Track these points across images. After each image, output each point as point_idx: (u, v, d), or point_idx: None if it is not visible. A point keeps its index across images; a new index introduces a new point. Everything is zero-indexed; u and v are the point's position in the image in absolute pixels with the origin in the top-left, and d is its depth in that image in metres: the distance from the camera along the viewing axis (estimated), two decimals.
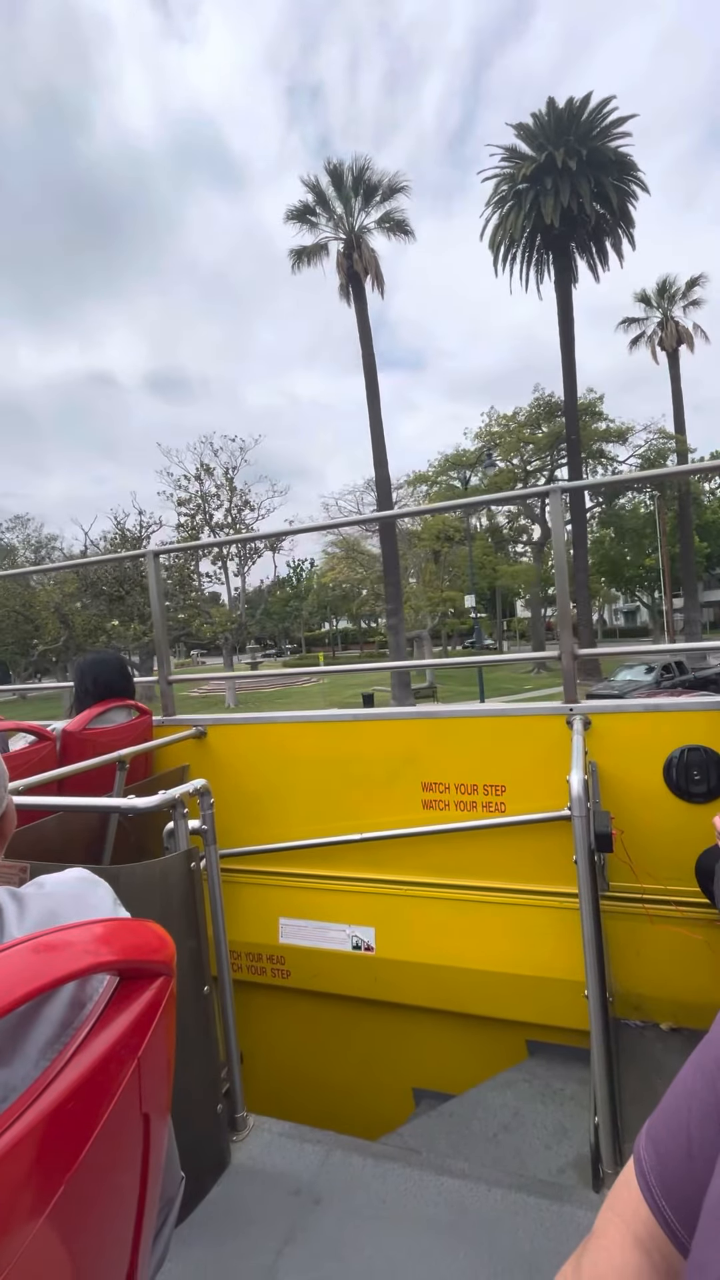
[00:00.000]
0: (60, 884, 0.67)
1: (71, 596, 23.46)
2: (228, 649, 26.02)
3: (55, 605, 23.08)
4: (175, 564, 23.85)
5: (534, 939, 2.32)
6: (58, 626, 23.10)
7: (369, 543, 34.35)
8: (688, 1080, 0.51)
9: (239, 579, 27.13)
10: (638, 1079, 2.05)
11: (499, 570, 33.53)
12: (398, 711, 2.71)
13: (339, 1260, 1.45)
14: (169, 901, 1.62)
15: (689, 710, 2.26)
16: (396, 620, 22.50)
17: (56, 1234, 0.47)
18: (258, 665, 32.84)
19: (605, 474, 29.34)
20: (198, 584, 25.73)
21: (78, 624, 23.23)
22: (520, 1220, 1.51)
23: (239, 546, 24.97)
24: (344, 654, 55.60)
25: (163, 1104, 0.62)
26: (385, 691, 24.13)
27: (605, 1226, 0.51)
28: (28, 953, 0.48)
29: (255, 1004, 2.71)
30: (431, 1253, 1.46)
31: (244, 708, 22.83)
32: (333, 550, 34.84)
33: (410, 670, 23.98)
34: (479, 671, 21.80)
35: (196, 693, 29.14)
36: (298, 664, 47.05)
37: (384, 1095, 2.60)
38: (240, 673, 27.56)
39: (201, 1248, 1.50)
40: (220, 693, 28.04)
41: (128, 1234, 0.59)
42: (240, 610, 26.01)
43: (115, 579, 23.77)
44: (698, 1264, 0.40)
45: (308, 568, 27.69)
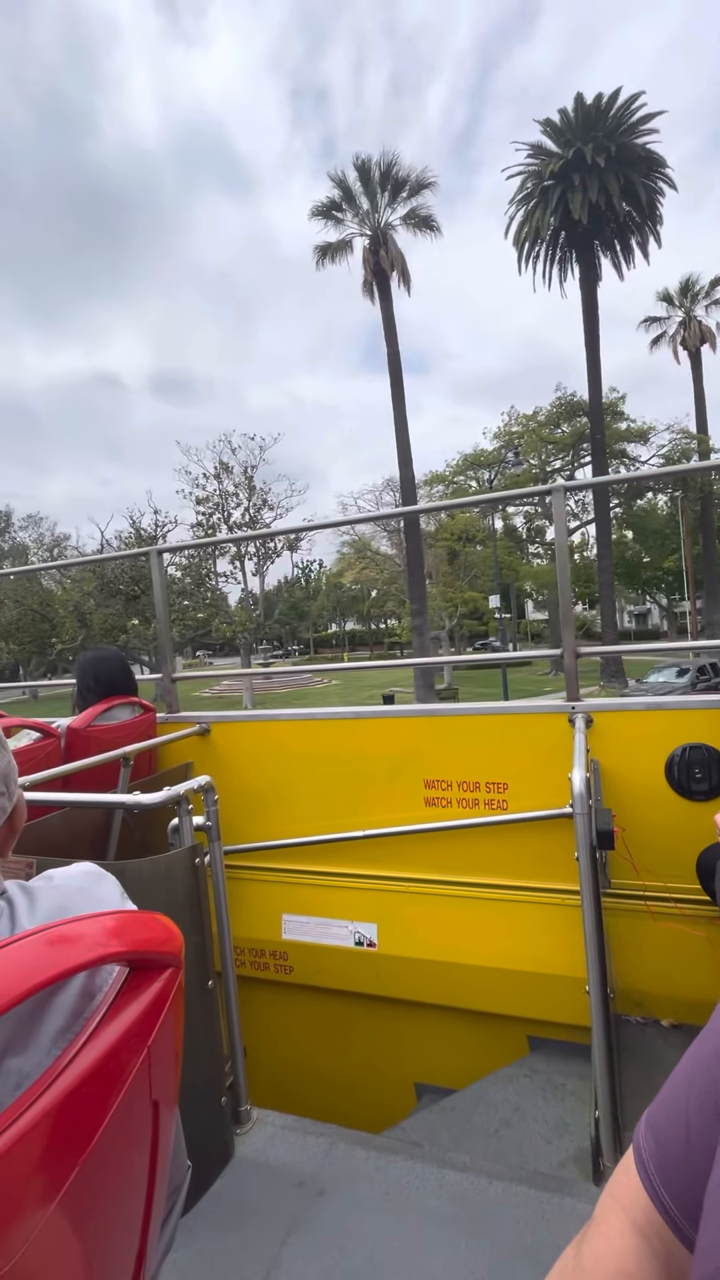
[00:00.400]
0: (69, 878, 0.68)
1: (90, 596, 23.42)
2: (245, 649, 25.93)
3: (74, 604, 23.00)
4: (192, 563, 23.82)
5: (536, 935, 2.34)
6: (75, 626, 23.05)
7: (382, 543, 34.35)
8: (687, 1070, 0.52)
9: (256, 578, 27.08)
10: (638, 1074, 2.06)
11: (520, 571, 33.24)
12: (401, 709, 2.72)
13: (342, 1251, 1.47)
14: (174, 897, 1.63)
15: (690, 709, 2.26)
16: (421, 620, 22.30)
17: (69, 1218, 0.48)
18: (269, 666, 32.80)
19: (649, 470, 29.12)
20: (214, 583, 25.67)
21: (95, 623, 23.18)
22: (521, 1212, 1.52)
23: (258, 545, 24.83)
24: (352, 655, 55.43)
25: (171, 1092, 0.63)
26: (406, 693, 23.94)
27: (605, 1213, 0.52)
28: (41, 943, 0.49)
29: (258, 999, 2.73)
30: (433, 1244, 1.47)
31: (260, 709, 22.75)
32: (345, 551, 34.82)
33: (430, 670, 24.11)
34: (503, 672, 21.69)
35: (208, 693, 29.11)
36: (306, 665, 46.88)
37: (386, 1090, 2.62)
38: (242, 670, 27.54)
39: (206, 1239, 1.52)
40: (233, 693, 28.00)
41: (137, 1219, 0.60)
42: (259, 609, 25.94)
43: (131, 578, 23.75)
44: (704, 1250, 0.41)
45: (317, 568, 27.69)
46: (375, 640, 57.78)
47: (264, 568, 26.60)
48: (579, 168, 21.91)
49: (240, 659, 27.02)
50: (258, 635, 26.08)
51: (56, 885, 0.67)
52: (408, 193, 23.65)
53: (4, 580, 24.94)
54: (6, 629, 24.46)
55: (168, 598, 3.13)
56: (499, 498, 4.04)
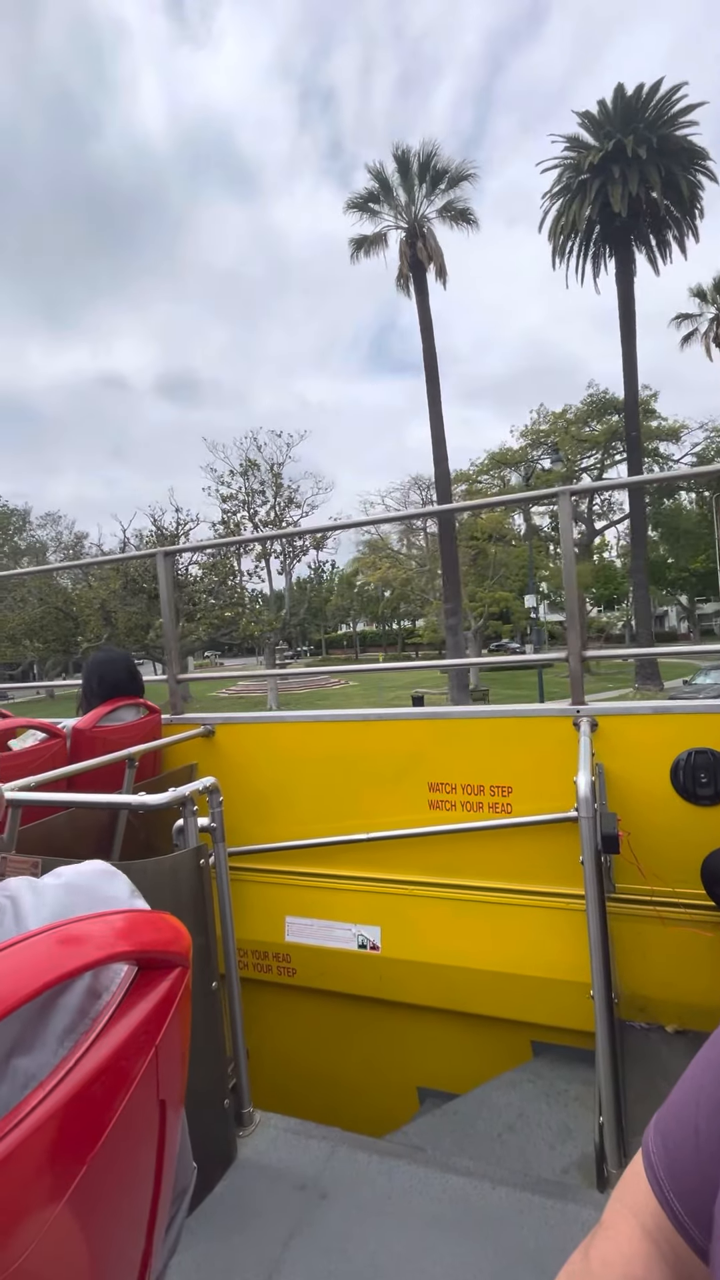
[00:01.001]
0: (79, 875, 0.67)
1: (116, 594, 23.26)
2: (270, 649, 25.72)
3: (101, 602, 22.83)
4: (217, 561, 23.71)
5: (540, 940, 2.33)
6: (100, 624, 22.88)
7: (395, 543, 34.12)
8: (697, 1075, 0.52)
9: (281, 576, 26.84)
10: (642, 1080, 2.05)
11: (548, 569, 32.83)
12: (405, 712, 2.72)
13: (344, 1255, 1.46)
14: (178, 898, 1.63)
15: (696, 713, 2.26)
16: (455, 620, 21.87)
17: (75, 1219, 0.48)
18: (286, 667, 32.65)
19: (660, 472, 28.94)
20: (239, 581, 25.47)
21: (120, 621, 23.06)
22: (524, 1218, 1.52)
23: (284, 544, 24.57)
24: (364, 656, 55.14)
25: (178, 1092, 0.63)
26: (436, 694, 23.57)
27: (614, 1217, 0.52)
28: (49, 942, 0.49)
29: (261, 1001, 2.73)
30: (435, 1249, 1.47)
31: (276, 710, 22.71)
32: (362, 552, 34.62)
33: (463, 671, 23.89)
34: (539, 673, 21.48)
35: (225, 693, 29.01)
36: (319, 665, 46.58)
37: (389, 1093, 2.61)
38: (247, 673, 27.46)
39: (207, 1241, 1.51)
40: (250, 693, 27.84)
41: (143, 1220, 0.60)
42: (286, 608, 25.82)
43: (154, 576, 23.66)
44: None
45: (329, 568, 27.51)
46: (389, 641, 57.45)
47: (290, 566, 26.37)
48: (619, 160, 21.31)
49: (264, 658, 26.72)
50: (282, 634, 25.93)
51: (64, 883, 0.66)
52: (446, 184, 22.95)
53: (25, 578, 24.95)
54: (30, 627, 24.27)
55: (174, 599, 3.14)
56: (506, 501, 4.03)
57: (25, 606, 24.43)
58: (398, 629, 56.06)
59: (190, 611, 23.62)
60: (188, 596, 24.29)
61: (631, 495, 23.58)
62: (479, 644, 34.56)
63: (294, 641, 25.74)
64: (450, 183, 23.01)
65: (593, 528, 33.83)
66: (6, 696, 27.92)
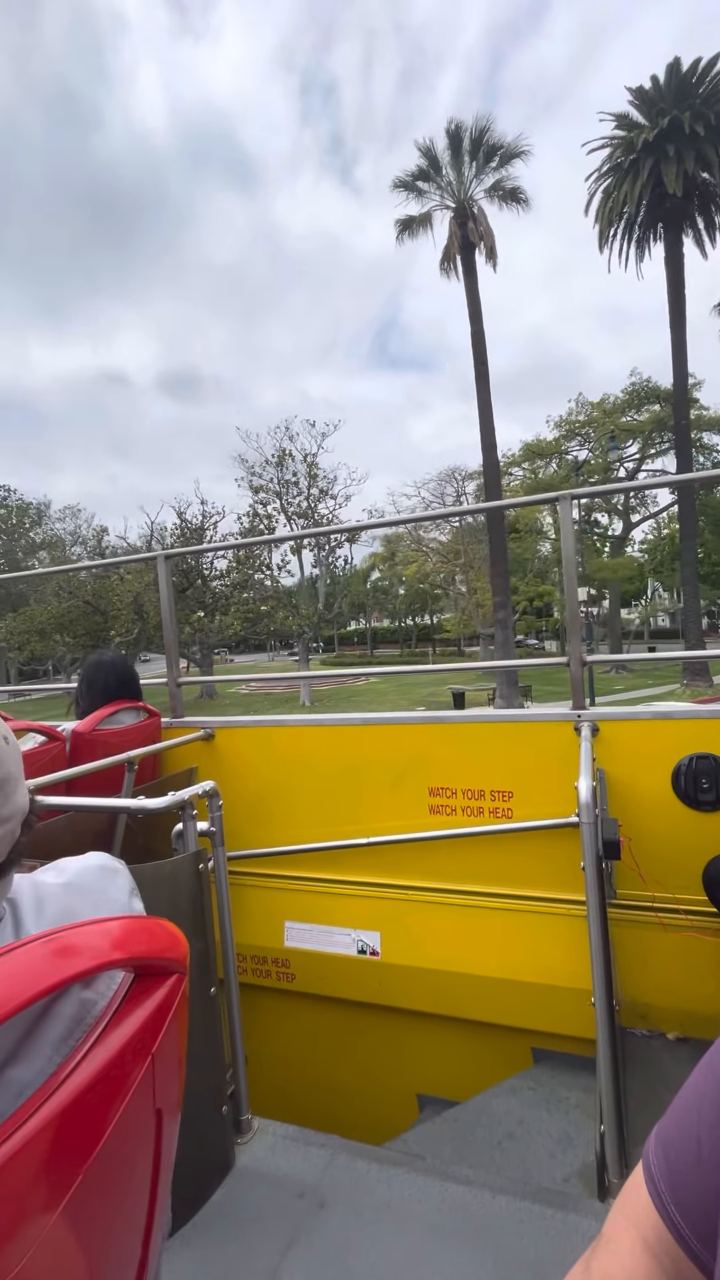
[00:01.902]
0: (81, 874, 0.67)
1: (150, 587, 22.82)
2: (304, 644, 25.43)
3: (135, 595, 22.51)
4: (249, 554, 23.55)
5: (540, 946, 2.32)
6: (131, 619, 22.57)
7: (430, 536, 33.58)
8: (699, 1084, 0.51)
9: (316, 569, 26.44)
10: (643, 1088, 2.04)
11: (595, 565, 31.88)
12: (405, 716, 2.71)
13: (342, 1264, 1.45)
14: (177, 902, 1.63)
15: (698, 718, 2.25)
16: (505, 614, 20.91)
17: (71, 1227, 0.48)
18: (308, 664, 32.30)
19: (706, 465, 28.34)
20: (273, 574, 25.16)
21: (151, 615, 22.73)
22: (524, 1228, 1.51)
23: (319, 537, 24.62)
24: (379, 654, 54.53)
25: (175, 1100, 0.63)
26: (476, 691, 22.82)
27: (614, 1229, 0.51)
28: (42, 951, 0.49)
29: (260, 1007, 2.71)
30: (435, 1258, 1.45)
31: (317, 707, 22.46)
32: (378, 549, 34.13)
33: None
34: (589, 670, 20.90)
35: (246, 689, 28.85)
36: (334, 663, 46.60)
37: (388, 1100, 2.60)
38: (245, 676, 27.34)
39: (205, 1249, 1.50)
40: (270, 690, 27.58)
41: (139, 1228, 0.60)
42: (322, 601, 25.56)
43: (182, 571, 23.51)
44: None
45: (342, 565, 27.16)
46: (404, 638, 56.66)
47: (327, 559, 26.03)
48: (674, 137, 20.07)
49: (298, 654, 26.36)
50: (317, 629, 25.57)
51: (67, 883, 0.65)
52: (498, 161, 21.58)
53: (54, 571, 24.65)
54: (60, 621, 23.82)
55: (174, 601, 3.14)
56: (507, 505, 4.03)
57: (56, 600, 24.05)
58: (412, 625, 55.46)
59: (224, 605, 23.38)
60: (216, 590, 24.08)
61: (681, 491, 22.49)
62: (510, 640, 34.13)
63: (300, 638, 25.26)
64: (502, 160, 21.66)
65: (629, 521, 33.12)
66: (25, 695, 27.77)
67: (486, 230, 21.81)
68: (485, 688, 22.73)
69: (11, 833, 0.60)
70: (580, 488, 8.39)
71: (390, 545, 33.34)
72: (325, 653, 57.05)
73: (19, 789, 0.63)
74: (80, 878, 0.66)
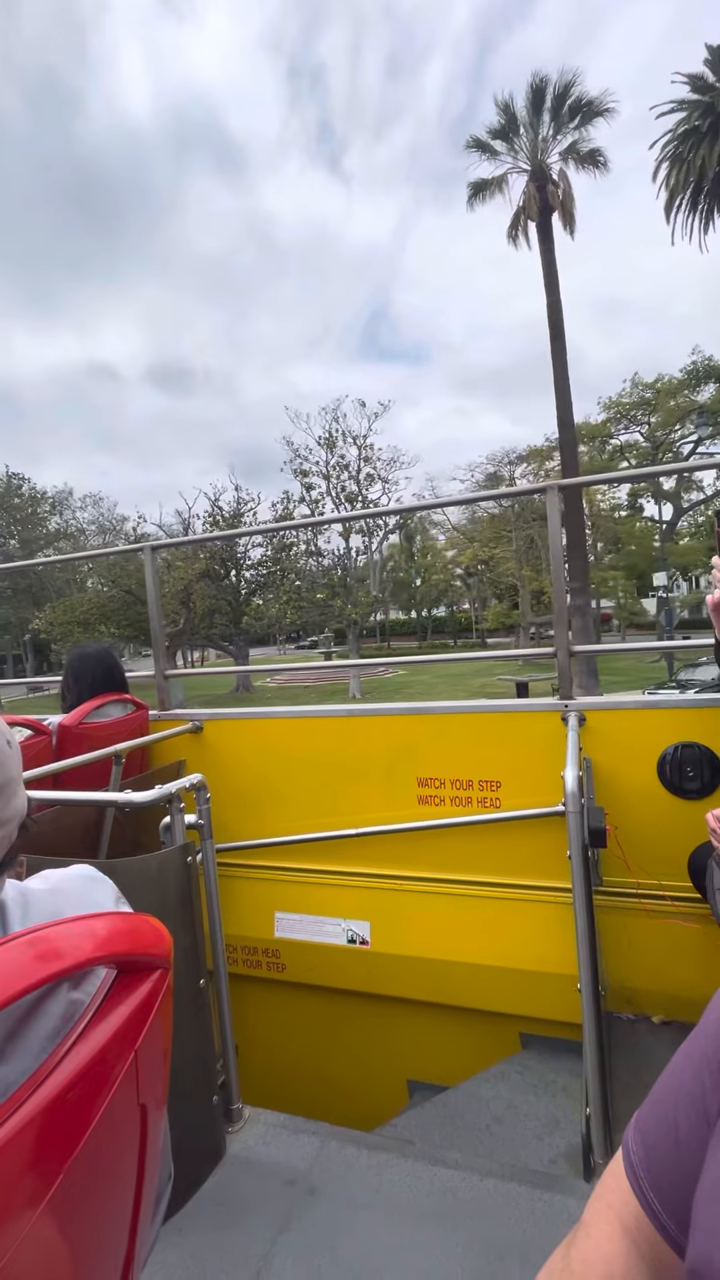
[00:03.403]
0: (66, 880, 0.67)
1: (201, 575, 22.54)
2: (355, 634, 24.79)
3: (185, 585, 22.13)
4: (281, 542, 23.17)
5: (528, 933, 2.34)
6: (178, 608, 22.16)
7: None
8: (676, 1072, 0.52)
9: (363, 556, 25.99)
10: (629, 1071, 2.07)
11: (679, 549, 30.80)
12: (394, 707, 2.72)
13: (333, 1249, 1.47)
14: (165, 895, 1.62)
15: (683, 707, 2.27)
16: (584, 600, 19.68)
17: (55, 1223, 0.48)
18: (331, 657, 31.72)
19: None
20: (321, 562, 24.78)
21: (198, 604, 22.51)
22: (512, 1209, 1.53)
23: (367, 521, 23.54)
24: (398, 645, 53.34)
25: (160, 1095, 0.63)
26: (543, 680, 22.18)
27: (594, 1216, 0.52)
28: (22, 949, 0.48)
29: (251, 997, 2.73)
30: (425, 1242, 1.48)
31: (369, 698, 22.07)
32: (396, 541, 33.18)
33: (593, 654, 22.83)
34: (668, 657, 20.00)
35: (273, 682, 28.45)
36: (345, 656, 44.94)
37: (378, 1087, 2.62)
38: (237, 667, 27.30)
39: (197, 1237, 1.52)
40: (305, 684, 27.13)
41: (125, 1222, 0.60)
42: (376, 587, 25.05)
43: (222, 559, 23.33)
44: (701, 1259, 0.40)
45: (355, 553, 26.76)
46: (436, 628, 54.94)
47: (377, 545, 25.63)
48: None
49: (349, 644, 25.48)
50: (366, 618, 25.02)
51: (52, 888, 0.66)
52: (579, 120, 19.65)
53: (99, 560, 24.26)
54: (102, 610, 23.38)
55: (161, 594, 3.12)
56: (495, 495, 4.05)
57: (96, 589, 23.51)
58: (427, 616, 54.47)
59: (280, 593, 23.00)
60: (250, 578, 23.64)
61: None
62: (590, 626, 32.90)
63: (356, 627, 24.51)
64: (584, 118, 19.68)
65: (679, 506, 32.14)
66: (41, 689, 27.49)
67: (568, 193, 20.02)
68: (539, 678, 21.83)
69: (9, 835, 0.61)
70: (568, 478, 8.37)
71: (411, 530, 32.71)
72: (337, 644, 56.45)
73: (19, 793, 0.64)
74: (65, 884, 0.67)
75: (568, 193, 20.16)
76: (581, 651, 2.52)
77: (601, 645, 2.71)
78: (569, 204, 20.14)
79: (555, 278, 20.14)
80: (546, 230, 20.21)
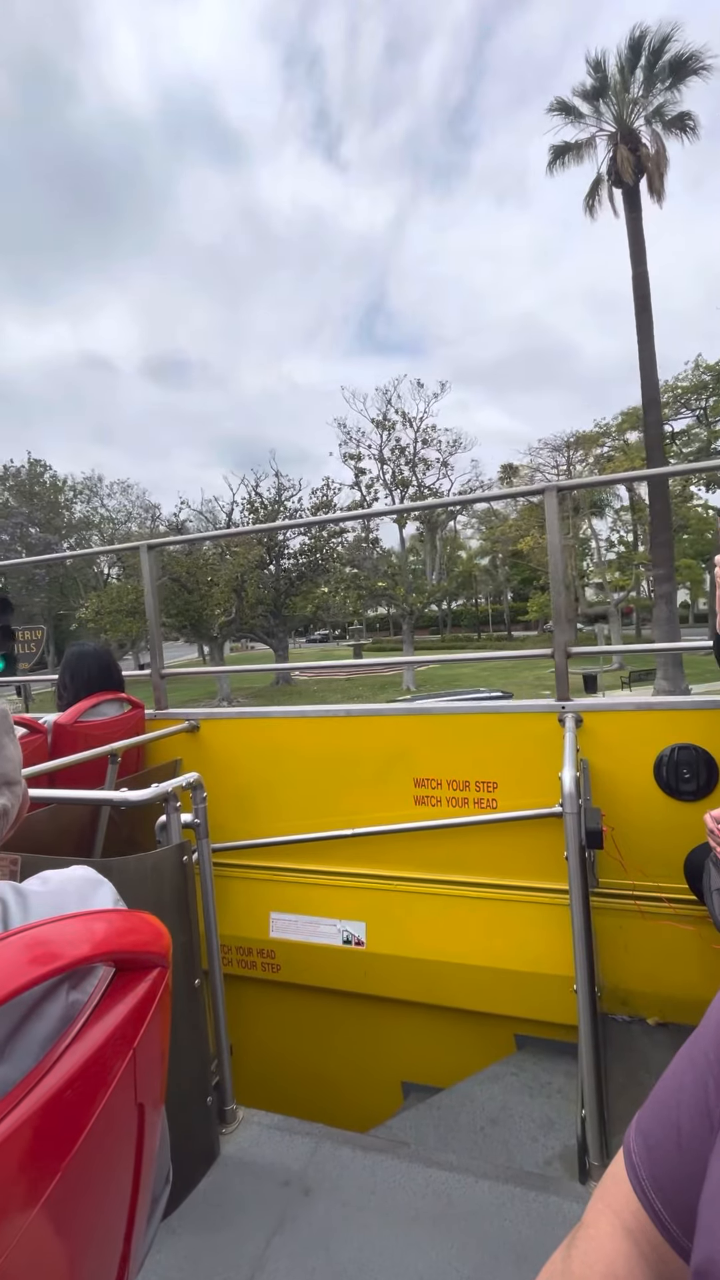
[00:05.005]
0: (66, 881, 0.67)
1: (258, 563, 22.26)
2: (410, 625, 24.29)
3: (241, 574, 21.77)
4: (317, 536, 22.93)
5: (524, 934, 2.34)
6: (230, 597, 21.79)
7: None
8: (678, 1073, 0.52)
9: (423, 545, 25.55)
10: (624, 1073, 2.07)
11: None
12: (391, 708, 2.71)
13: (327, 1250, 1.46)
14: (161, 895, 1.62)
15: (679, 709, 2.27)
16: (669, 588, 18.48)
17: (52, 1223, 0.47)
18: (361, 653, 31.35)
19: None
20: (382, 551, 24.46)
21: (250, 593, 22.23)
22: (507, 1211, 1.53)
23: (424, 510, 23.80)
24: (419, 640, 52.41)
25: (157, 1094, 0.62)
26: (614, 673, 20.92)
27: (595, 1217, 0.52)
28: (19, 948, 0.48)
29: (245, 998, 2.72)
30: (419, 1243, 1.47)
31: (422, 695, 21.53)
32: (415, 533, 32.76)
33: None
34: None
35: (303, 677, 27.88)
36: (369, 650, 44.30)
37: (373, 1088, 2.62)
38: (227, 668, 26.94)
39: (191, 1237, 1.51)
40: (331, 677, 26.78)
41: (121, 1224, 0.60)
42: (437, 575, 24.57)
43: (267, 548, 23.08)
44: (707, 1259, 0.40)
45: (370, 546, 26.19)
46: (455, 621, 54.03)
47: (439, 535, 25.00)
48: None
49: (404, 636, 25.05)
50: (412, 610, 24.21)
51: (52, 890, 0.65)
52: (672, 80, 18.02)
53: (117, 555, 23.92)
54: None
55: (158, 591, 3.11)
56: (493, 497, 4.07)
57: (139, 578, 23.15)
58: (447, 610, 53.29)
59: (329, 582, 22.73)
60: (300, 568, 23.21)
61: None
62: (619, 619, 31.71)
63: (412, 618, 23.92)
64: (678, 77, 18.03)
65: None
66: None
67: (660, 156, 18.41)
68: (607, 669, 20.41)
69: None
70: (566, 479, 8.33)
71: (436, 521, 32.36)
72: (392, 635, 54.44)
73: (16, 791, 0.68)
74: (65, 884, 0.66)
75: (661, 156, 18.61)
76: (579, 653, 2.52)
77: (599, 647, 2.72)
78: (661, 169, 18.63)
79: (642, 248, 19.01)
80: (634, 198, 18.91)
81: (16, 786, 0.69)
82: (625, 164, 18.49)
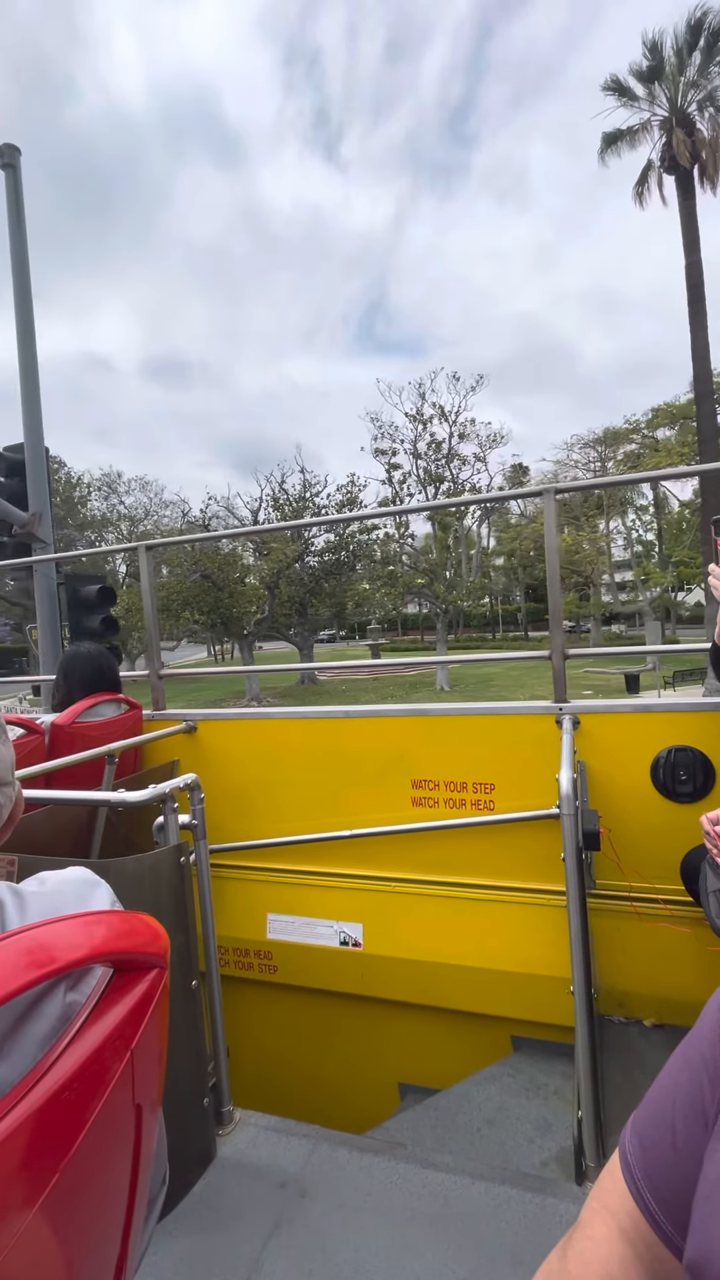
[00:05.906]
0: (63, 882, 0.67)
1: (291, 560, 21.75)
2: (443, 623, 23.83)
3: (278, 571, 21.50)
4: (341, 535, 22.55)
5: (521, 936, 2.34)
6: (264, 594, 21.59)
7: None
8: (673, 1074, 0.52)
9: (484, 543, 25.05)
10: (620, 1074, 2.07)
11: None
12: (388, 709, 2.71)
13: (324, 1253, 1.46)
14: (158, 896, 1.62)
15: (676, 711, 2.28)
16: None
17: (49, 1224, 0.47)
18: (379, 653, 30.62)
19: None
20: (409, 546, 23.76)
21: (283, 592, 22.00)
22: (504, 1212, 1.53)
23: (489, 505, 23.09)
24: (431, 639, 51.85)
25: (155, 1095, 0.62)
26: (651, 672, 19.85)
27: (591, 1217, 0.52)
28: (20, 949, 0.48)
29: (242, 999, 2.72)
30: (416, 1244, 1.47)
31: (455, 694, 21.38)
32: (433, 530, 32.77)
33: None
34: None
35: (324, 677, 27.48)
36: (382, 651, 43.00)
37: (370, 1089, 2.62)
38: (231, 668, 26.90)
39: (187, 1239, 1.51)
40: (357, 676, 26.44)
41: (119, 1224, 0.60)
42: (475, 572, 23.97)
43: (312, 551, 22.97)
44: (700, 1258, 0.40)
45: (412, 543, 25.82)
46: (483, 622, 53.10)
47: (486, 529, 24.77)
48: None
49: (438, 636, 24.51)
50: (447, 608, 23.71)
51: (49, 891, 0.65)
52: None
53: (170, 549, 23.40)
54: (185, 597, 22.27)
55: (154, 591, 3.11)
56: (495, 498, 4.07)
57: (172, 575, 22.58)
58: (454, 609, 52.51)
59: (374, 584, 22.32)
60: (326, 565, 22.80)
61: None
62: (653, 616, 31.02)
63: (446, 616, 23.30)
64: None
65: None
66: None
67: (718, 140, 17.82)
68: (644, 668, 19.40)
69: None
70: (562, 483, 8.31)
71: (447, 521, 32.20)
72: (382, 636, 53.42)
73: (9, 792, 0.69)
74: (62, 886, 0.66)
75: (718, 141, 17.95)
76: (576, 655, 2.53)
77: (596, 649, 2.72)
78: (717, 154, 18.01)
79: (696, 237, 18.57)
80: (688, 184, 18.51)
81: (8, 787, 0.69)
82: (681, 147, 17.98)
